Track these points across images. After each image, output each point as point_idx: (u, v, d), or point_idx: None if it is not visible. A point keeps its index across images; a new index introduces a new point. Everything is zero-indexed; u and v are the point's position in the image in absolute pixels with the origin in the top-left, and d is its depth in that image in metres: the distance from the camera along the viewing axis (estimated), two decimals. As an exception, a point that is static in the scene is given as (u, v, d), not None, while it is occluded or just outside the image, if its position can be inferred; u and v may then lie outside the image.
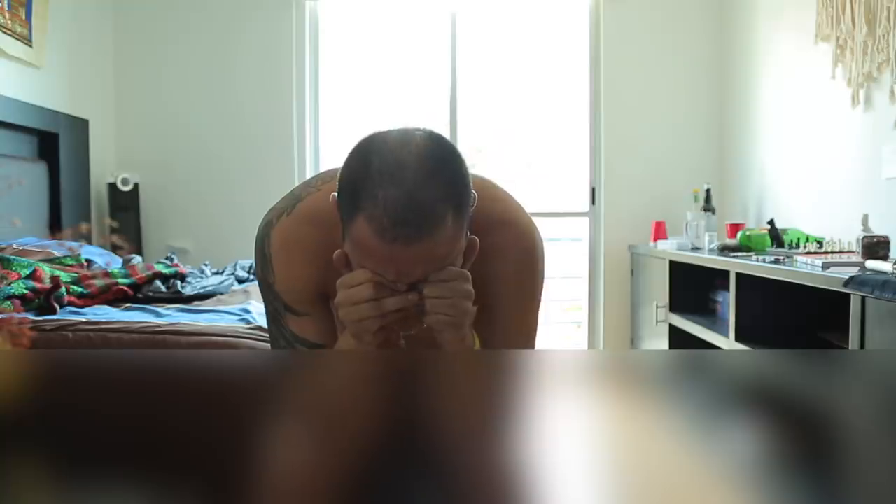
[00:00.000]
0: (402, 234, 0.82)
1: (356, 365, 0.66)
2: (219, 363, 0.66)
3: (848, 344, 1.64)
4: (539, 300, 1.12)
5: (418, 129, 0.89)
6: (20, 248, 2.37)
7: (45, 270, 2.13)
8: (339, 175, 0.90)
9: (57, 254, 2.44)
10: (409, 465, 0.59)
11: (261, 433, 0.59)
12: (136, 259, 2.71)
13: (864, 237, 1.93)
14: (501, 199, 1.09)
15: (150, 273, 2.30)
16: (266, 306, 1.07)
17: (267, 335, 1.28)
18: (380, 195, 0.82)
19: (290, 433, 0.60)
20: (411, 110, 3.88)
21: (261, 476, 0.58)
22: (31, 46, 2.96)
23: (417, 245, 0.83)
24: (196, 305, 2.16)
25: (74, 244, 2.65)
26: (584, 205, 3.80)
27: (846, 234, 2.26)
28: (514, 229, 1.07)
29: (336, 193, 0.90)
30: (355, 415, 0.61)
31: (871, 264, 1.74)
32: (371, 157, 0.85)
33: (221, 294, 2.42)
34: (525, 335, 1.11)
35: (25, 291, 1.95)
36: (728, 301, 2.34)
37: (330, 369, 0.66)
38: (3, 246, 2.36)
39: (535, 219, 1.11)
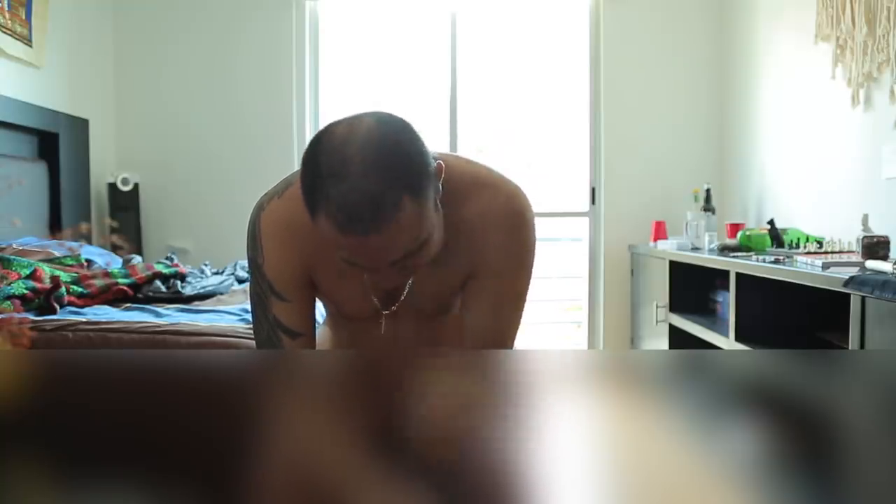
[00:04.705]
0: (358, 228, 0.85)
1: (355, 364, 0.66)
2: (218, 363, 0.66)
3: (848, 344, 1.64)
4: (531, 268, 1.08)
5: (367, 116, 0.90)
6: (20, 248, 2.37)
7: (45, 270, 2.13)
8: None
9: (57, 254, 2.44)
10: (407, 464, 0.59)
11: (260, 433, 0.59)
12: (136, 259, 2.71)
13: (864, 237, 1.93)
14: (475, 163, 1.06)
15: (150, 273, 2.30)
16: (253, 287, 1.08)
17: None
18: (331, 194, 0.85)
19: (289, 433, 0.60)
20: (411, 110, 3.88)
21: (260, 476, 0.58)
22: (31, 46, 2.96)
23: (376, 235, 0.85)
24: (196, 305, 2.16)
25: (74, 244, 2.65)
26: (584, 205, 3.80)
27: (846, 234, 2.26)
28: (495, 191, 1.03)
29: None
30: (353, 414, 0.61)
31: (871, 264, 1.74)
32: (319, 157, 0.87)
33: (221, 294, 2.42)
34: (511, 308, 1.08)
35: (25, 291, 1.95)
36: (728, 301, 2.33)
37: (329, 369, 0.66)
38: (3, 246, 2.36)
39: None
